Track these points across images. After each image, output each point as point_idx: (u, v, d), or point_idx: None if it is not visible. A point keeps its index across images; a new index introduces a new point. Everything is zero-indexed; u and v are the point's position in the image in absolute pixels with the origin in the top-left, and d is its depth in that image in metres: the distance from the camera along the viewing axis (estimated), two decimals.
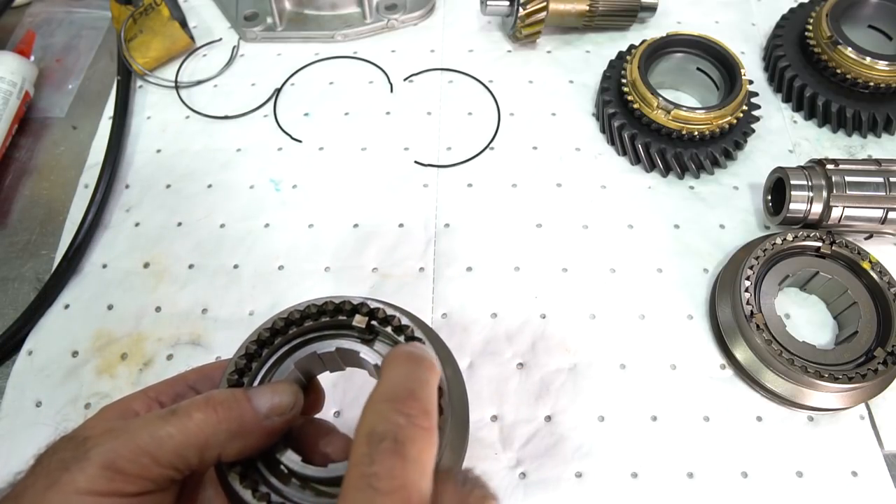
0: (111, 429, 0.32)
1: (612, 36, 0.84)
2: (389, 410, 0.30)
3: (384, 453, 0.28)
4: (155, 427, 0.32)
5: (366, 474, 0.27)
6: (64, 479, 0.30)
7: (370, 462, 0.28)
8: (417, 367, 0.33)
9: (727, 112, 0.68)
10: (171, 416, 0.32)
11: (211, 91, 0.80)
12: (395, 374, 0.32)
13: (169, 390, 0.38)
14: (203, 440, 0.32)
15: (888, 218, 0.62)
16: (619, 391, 0.59)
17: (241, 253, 0.67)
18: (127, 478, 0.30)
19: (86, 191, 0.71)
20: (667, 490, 0.55)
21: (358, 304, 0.39)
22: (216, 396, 0.34)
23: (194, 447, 0.32)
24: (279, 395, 0.35)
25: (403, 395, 0.30)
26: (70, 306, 0.64)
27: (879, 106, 0.73)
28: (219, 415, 0.33)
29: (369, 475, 0.27)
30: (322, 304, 0.39)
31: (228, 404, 0.34)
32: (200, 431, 0.32)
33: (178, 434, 0.32)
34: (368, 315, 0.39)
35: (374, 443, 0.28)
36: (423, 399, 0.31)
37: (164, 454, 0.31)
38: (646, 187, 0.72)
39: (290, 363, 0.38)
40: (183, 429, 0.32)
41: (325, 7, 0.85)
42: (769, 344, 0.56)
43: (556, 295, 0.64)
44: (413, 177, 0.72)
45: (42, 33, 0.87)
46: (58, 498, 0.29)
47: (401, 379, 0.32)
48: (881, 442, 0.57)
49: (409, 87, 0.80)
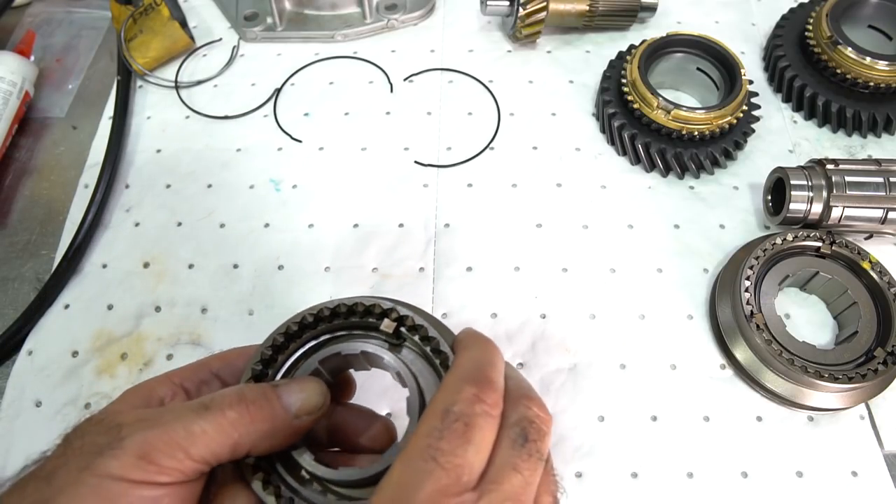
0: (144, 418, 0.32)
1: (612, 36, 0.84)
2: (468, 395, 0.32)
3: (455, 433, 0.30)
4: (189, 421, 0.32)
5: (432, 446, 0.30)
6: (97, 463, 0.30)
7: (439, 436, 0.30)
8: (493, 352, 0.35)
9: (727, 112, 0.68)
10: (205, 412, 0.33)
11: (211, 91, 0.80)
12: (473, 355, 0.35)
13: (193, 377, 0.39)
14: (236, 438, 0.33)
15: (888, 218, 0.62)
16: (619, 391, 0.59)
17: (241, 253, 0.67)
18: (160, 469, 0.31)
19: (86, 191, 0.71)
20: (667, 490, 0.55)
21: (388, 308, 0.39)
22: (248, 394, 0.34)
23: (227, 444, 0.32)
24: (308, 394, 0.36)
25: (483, 381, 0.33)
26: (70, 306, 0.64)
27: (879, 106, 0.73)
28: (252, 414, 0.33)
29: (435, 448, 0.30)
30: (352, 305, 0.39)
31: (260, 403, 0.34)
32: (234, 430, 0.33)
33: (212, 431, 0.32)
34: (397, 321, 0.39)
35: (448, 420, 0.31)
36: (498, 389, 0.33)
37: (197, 449, 0.32)
38: (646, 187, 0.72)
39: (314, 360, 0.38)
40: (217, 426, 0.32)
41: (325, 7, 0.85)
42: (769, 344, 0.56)
43: (556, 295, 0.64)
44: (413, 177, 0.72)
45: (42, 33, 0.87)
46: (92, 481, 0.30)
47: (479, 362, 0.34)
48: (881, 442, 0.57)
49: (409, 87, 0.80)
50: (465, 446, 0.30)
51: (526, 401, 0.34)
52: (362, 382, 0.59)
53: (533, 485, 0.32)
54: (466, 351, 0.35)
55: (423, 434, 0.31)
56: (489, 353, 0.35)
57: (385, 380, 0.42)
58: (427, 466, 0.29)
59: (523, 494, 0.31)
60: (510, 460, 0.31)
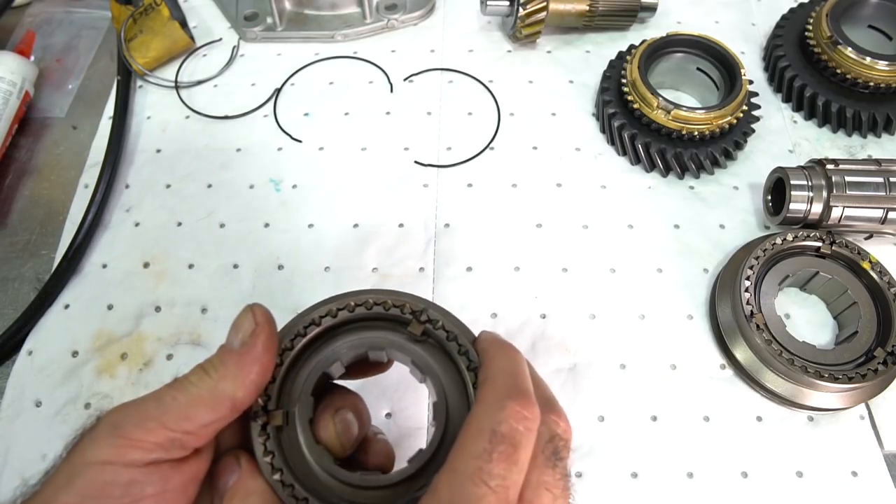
0: (124, 403, 0.33)
1: (612, 36, 0.84)
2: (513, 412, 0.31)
3: (503, 455, 0.30)
4: (160, 394, 0.33)
5: (483, 469, 0.30)
6: (75, 450, 0.32)
7: (489, 459, 0.30)
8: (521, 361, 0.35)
9: (727, 112, 0.68)
10: (174, 383, 0.34)
11: (211, 91, 0.80)
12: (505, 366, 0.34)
13: None
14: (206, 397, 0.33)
15: (888, 218, 0.62)
16: (619, 391, 0.59)
17: (241, 253, 0.67)
18: (131, 442, 0.31)
19: (86, 191, 0.71)
20: (667, 490, 0.55)
21: (418, 310, 0.38)
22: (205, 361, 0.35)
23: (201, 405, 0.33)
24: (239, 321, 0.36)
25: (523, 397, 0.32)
26: (70, 306, 0.64)
27: (879, 106, 0.73)
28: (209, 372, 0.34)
29: (486, 471, 0.30)
30: (381, 303, 0.38)
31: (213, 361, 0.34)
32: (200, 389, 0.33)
33: (182, 396, 0.33)
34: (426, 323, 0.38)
35: (496, 442, 0.30)
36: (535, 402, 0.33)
37: (169, 417, 0.32)
38: (646, 187, 0.72)
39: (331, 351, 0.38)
40: (184, 391, 0.33)
41: (325, 7, 0.85)
42: (769, 344, 0.56)
43: (556, 295, 0.64)
44: (413, 177, 0.72)
45: (42, 33, 0.87)
46: (67, 467, 0.31)
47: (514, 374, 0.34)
48: (881, 442, 0.57)
49: (409, 87, 0.80)
50: (512, 468, 0.30)
51: (555, 416, 0.34)
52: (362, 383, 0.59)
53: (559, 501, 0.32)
54: (494, 360, 0.35)
55: (472, 455, 0.30)
56: (519, 362, 0.35)
57: (385, 380, 0.42)
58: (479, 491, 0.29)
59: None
60: (544, 479, 0.32)
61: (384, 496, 0.35)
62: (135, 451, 0.31)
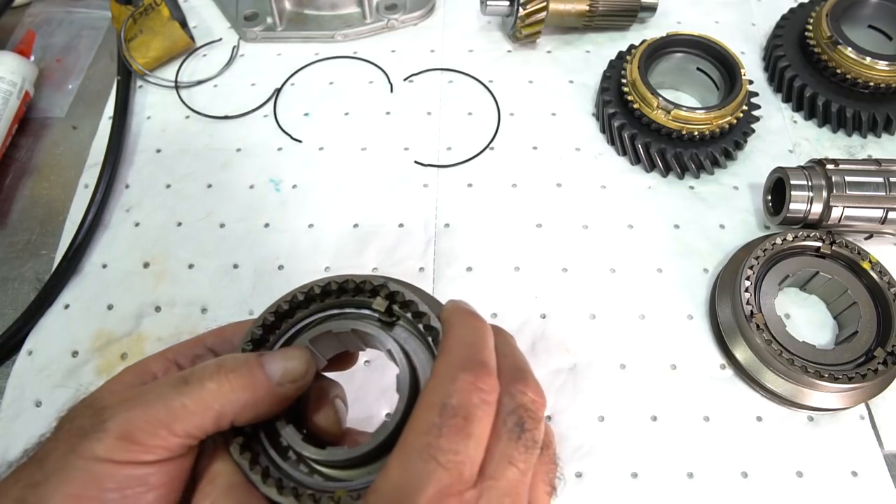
0: (126, 398, 0.32)
1: (612, 36, 0.84)
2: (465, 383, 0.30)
3: (454, 428, 0.29)
4: (169, 398, 0.32)
5: (432, 445, 0.29)
6: (83, 446, 0.31)
7: (438, 434, 0.29)
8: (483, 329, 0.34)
9: (727, 112, 0.68)
10: (185, 386, 0.32)
11: (211, 91, 0.80)
12: (462, 335, 0.33)
13: (188, 352, 0.39)
14: (217, 409, 0.32)
15: (888, 218, 0.62)
16: (619, 391, 0.59)
17: (241, 253, 0.67)
18: (143, 448, 0.31)
19: (86, 191, 0.71)
20: (667, 490, 0.55)
21: (378, 284, 0.38)
22: (228, 364, 0.34)
23: (209, 417, 0.32)
24: (291, 361, 0.35)
25: (478, 367, 0.31)
26: (70, 306, 0.64)
27: (879, 106, 0.73)
28: (232, 383, 0.33)
29: (435, 446, 0.29)
30: (343, 282, 0.39)
31: (241, 372, 0.34)
32: (214, 401, 0.32)
33: (192, 405, 0.32)
34: (388, 298, 0.38)
35: (447, 416, 0.29)
36: (493, 372, 0.31)
37: (179, 425, 0.31)
38: (646, 187, 0.72)
39: (304, 339, 0.38)
40: (197, 399, 0.32)
41: (325, 7, 0.85)
42: (769, 344, 0.56)
43: (556, 295, 0.64)
44: (413, 177, 0.72)
45: (42, 33, 0.87)
46: (78, 463, 0.30)
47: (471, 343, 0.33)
48: (881, 442, 0.57)
49: (409, 87, 0.80)
50: (465, 441, 0.29)
51: (521, 385, 0.33)
52: (362, 383, 0.59)
53: (528, 475, 0.31)
54: (454, 330, 0.34)
55: (421, 431, 0.29)
56: (479, 330, 0.34)
57: (385, 380, 0.42)
58: (428, 467, 0.28)
59: (519, 487, 0.31)
60: (507, 452, 0.31)
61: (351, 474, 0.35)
62: (145, 455, 0.31)
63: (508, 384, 0.32)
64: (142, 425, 0.31)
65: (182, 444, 0.32)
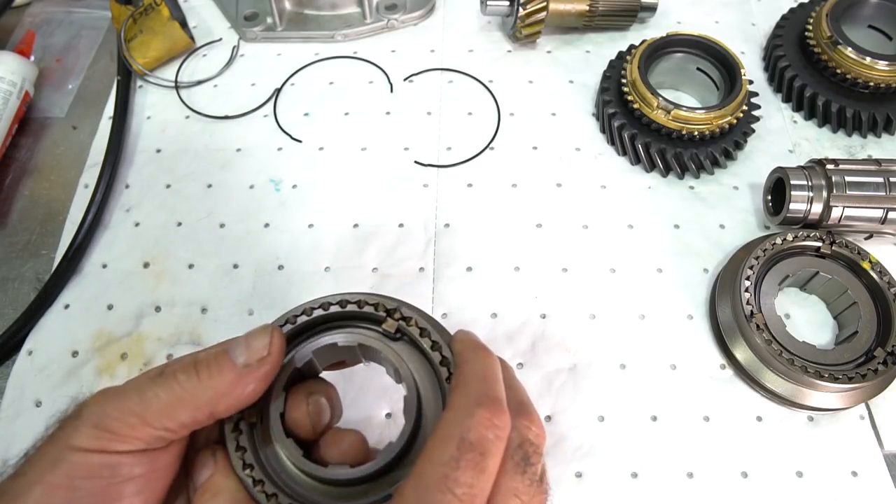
0: (106, 391, 0.34)
1: (612, 36, 0.84)
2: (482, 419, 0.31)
3: (470, 463, 0.30)
4: (143, 388, 0.33)
5: (449, 477, 0.30)
6: (58, 435, 0.32)
7: (456, 467, 0.30)
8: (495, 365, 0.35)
9: (727, 112, 0.68)
10: (159, 378, 0.34)
11: (211, 91, 0.80)
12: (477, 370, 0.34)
13: None
14: (189, 400, 0.33)
15: (888, 218, 0.62)
16: (619, 391, 0.59)
17: (241, 253, 0.67)
18: (115, 436, 0.32)
19: (86, 191, 0.71)
20: (667, 490, 0.55)
21: (392, 308, 0.38)
22: (200, 356, 0.35)
23: (182, 407, 0.33)
24: (254, 341, 0.35)
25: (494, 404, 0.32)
26: (70, 306, 0.64)
27: (879, 106, 0.73)
28: (200, 374, 0.34)
29: (452, 479, 0.30)
30: (356, 301, 0.39)
31: (208, 362, 0.34)
32: (185, 392, 0.33)
33: (165, 395, 0.33)
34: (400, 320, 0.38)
35: (464, 450, 0.30)
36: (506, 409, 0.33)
37: (151, 415, 0.32)
38: (646, 187, 0.72)
39: (308, 350, 0.38)
40: (169, 390, 0.33)
41: (325, 7, 0.85)
42: (769, 344, 0.56)
43: (556, 295, 0.64)
44: (413, 177, 0.72)
45: (42, 33, 0.87)
46: (53, 453, 0.32)
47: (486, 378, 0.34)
48: (881, 442, 0.57)
49: (409, 87, 0.80)
50: (480, 476, 0.30)
51: (526, 420, 0.34)
52: (362, 382, 0.59)
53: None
54: (468, 365, 0.35)
55: (439, 463, 0.30)
56: (492, 366, 0.35)
57: (385, 379, 0.42)
58: (444, 498, 0.29)
59: None
60: (512, 485, 0.32)
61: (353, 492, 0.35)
62: (119, 444, 0.32)
63: (514, 418, 0.34)
64: (115, 414, 0.32)
65: (159, 437, 0.33)
